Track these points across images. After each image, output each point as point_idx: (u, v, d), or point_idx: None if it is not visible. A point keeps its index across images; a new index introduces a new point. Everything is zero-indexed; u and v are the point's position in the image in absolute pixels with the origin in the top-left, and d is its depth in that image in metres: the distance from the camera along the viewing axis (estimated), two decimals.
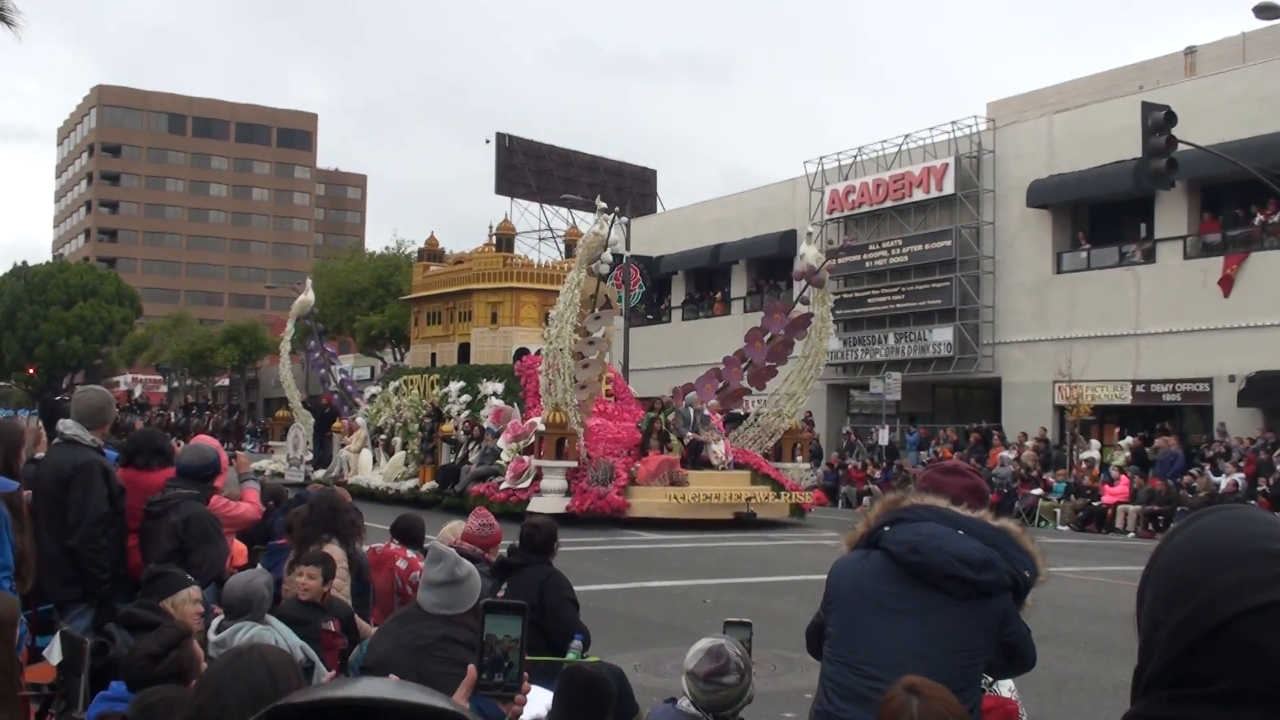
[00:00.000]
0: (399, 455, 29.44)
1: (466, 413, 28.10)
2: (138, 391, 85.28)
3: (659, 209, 59.24)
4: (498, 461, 25.37)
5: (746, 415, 29.45)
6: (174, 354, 79.90)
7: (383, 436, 30.59)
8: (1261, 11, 24.29)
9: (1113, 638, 11.20)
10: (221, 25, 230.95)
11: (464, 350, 31.67)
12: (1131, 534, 24.92)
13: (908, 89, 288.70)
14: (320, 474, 30.38)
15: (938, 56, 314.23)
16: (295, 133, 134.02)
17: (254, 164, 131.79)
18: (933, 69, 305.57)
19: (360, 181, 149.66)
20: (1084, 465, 28.38)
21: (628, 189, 56.56)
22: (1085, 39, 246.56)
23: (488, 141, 58.97)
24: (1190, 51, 40.99)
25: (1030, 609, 3.84)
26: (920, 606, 3.62)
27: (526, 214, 59.24)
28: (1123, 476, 26.69)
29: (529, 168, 58.44)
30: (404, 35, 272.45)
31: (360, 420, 31.53)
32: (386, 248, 70.12)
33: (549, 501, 22.96)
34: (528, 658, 6.79)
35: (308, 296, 35.18)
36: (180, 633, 4.48)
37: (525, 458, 24.51)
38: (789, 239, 44.79)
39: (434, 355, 32.99)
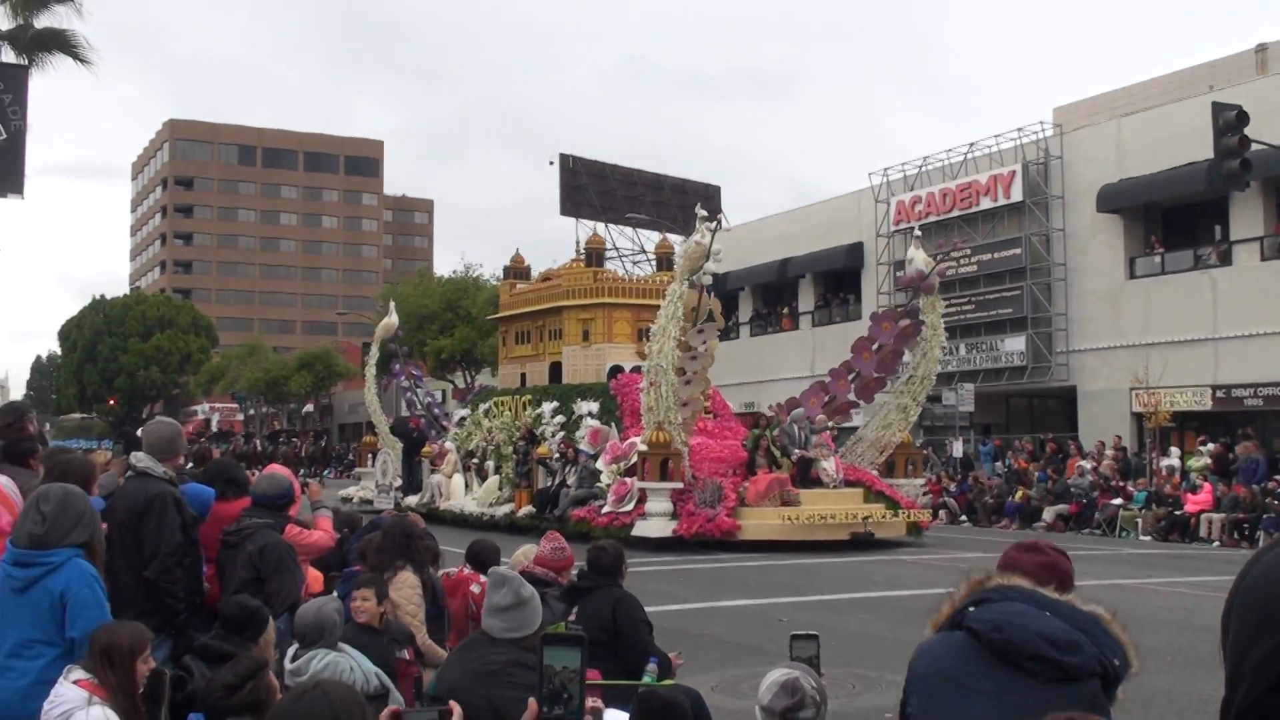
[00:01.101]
0: (493, 480, 28.62)
1: (561, 434, 27.23)
2: (215, 420, 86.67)
3: (724, 225, 59.15)
4: (598, 484, 24.56)
5: (854, 429, 28.52)
6: (249, 382, 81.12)
7: (474, 460, 29.84)
8: None
9: (1200, 650, 10.95)
10: (287, 56, 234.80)
11: (555, 370, 30.71)
12: (1216, 543, 24.38)
13: (972, 97, 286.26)
14: (411, 500, 29.95)
15: (1002, 63, 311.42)
16: (362, 160, 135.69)
17: (323, 192, 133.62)
18: (997, 76, 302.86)
19: (427, 206, 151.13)
20: (1164, 473, 27.85)
21: (692, 206, 56.50)
22: (1152, 40, 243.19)
23: (551, 163, 59.08)
24: (1261, 49, 40.21)
25: (1120, 703, 3.70)
26: (1003, 688, 3.47)
27: (592, 234, 59.40)
28: (1205, 484, 26.13)
29: (593, 188, 58.55)
30: (466, 61, 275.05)
31: (450, 444, 30.85)
32: (455, 271, 70.66)
33: (655, 525, 22.37)
34: (604, 682, 6.78)
35: (391, 319, 34.59)
36: (257, 664, 4.52)
37: (627, 480, 23.67)
38: (856, 251, 44.57)
39: (523, 375, 32.10)
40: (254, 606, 5.25)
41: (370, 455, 34.36)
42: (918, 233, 28.25)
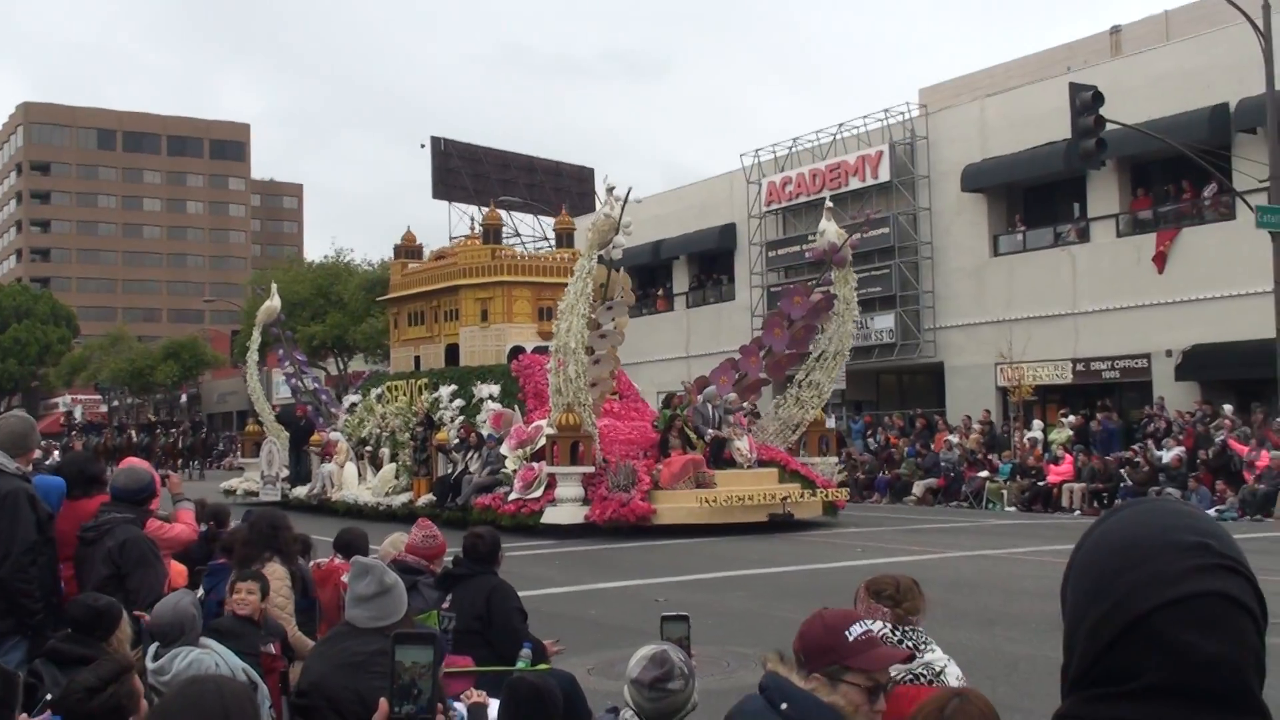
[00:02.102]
0: (388, 468, 27.49)
1: (461, 419, 26.11)
2: (78, 413, 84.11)
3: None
4: (503, 470, 23.53)
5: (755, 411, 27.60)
6: (113, 372, 78.90)
7: (368, 449, 28.75)
8: None
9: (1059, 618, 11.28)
10: (149, 39, 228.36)
11: (452, 352, 29.44)
12: (1077, 512, 25.17)
13: (840, 79, 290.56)
14: (300, 491, 29.21)
15: (868, 45, 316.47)
16: (228, 144, 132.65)
17: (187, 177, 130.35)
18: (864, 57, 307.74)
19: (296, 191, 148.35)
20: (1028, 446, 28.66)
21: (565, 188, 56.48)
22: (1013, 22, 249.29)
23: (423, 146, 58.54)
24: (1115, 31, 41.48)
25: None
26: None
27: (465, 217, 58.98)
28: (1067, 455, 26.96)
29: (466, 171, 58.10)
30: (335, 44, 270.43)
31: (337, 434, 29.60)
32: (326, 257, 69.54)
33: (565, 511, 21.55)
34: (476, 669, 6.72)
35: (274, 302, 33.14)
36: (120, 667, 4.38)
37: (534, 465, 22.69)
38: (728, 232, 44.89)
39: (417, 359, 30.83)
40: (103, 605, 5.09)
41: (254, 446, 33.27)
42: (829, 204, 27.01)
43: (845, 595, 4.94)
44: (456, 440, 25.36)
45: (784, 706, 3.49)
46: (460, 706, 5.44)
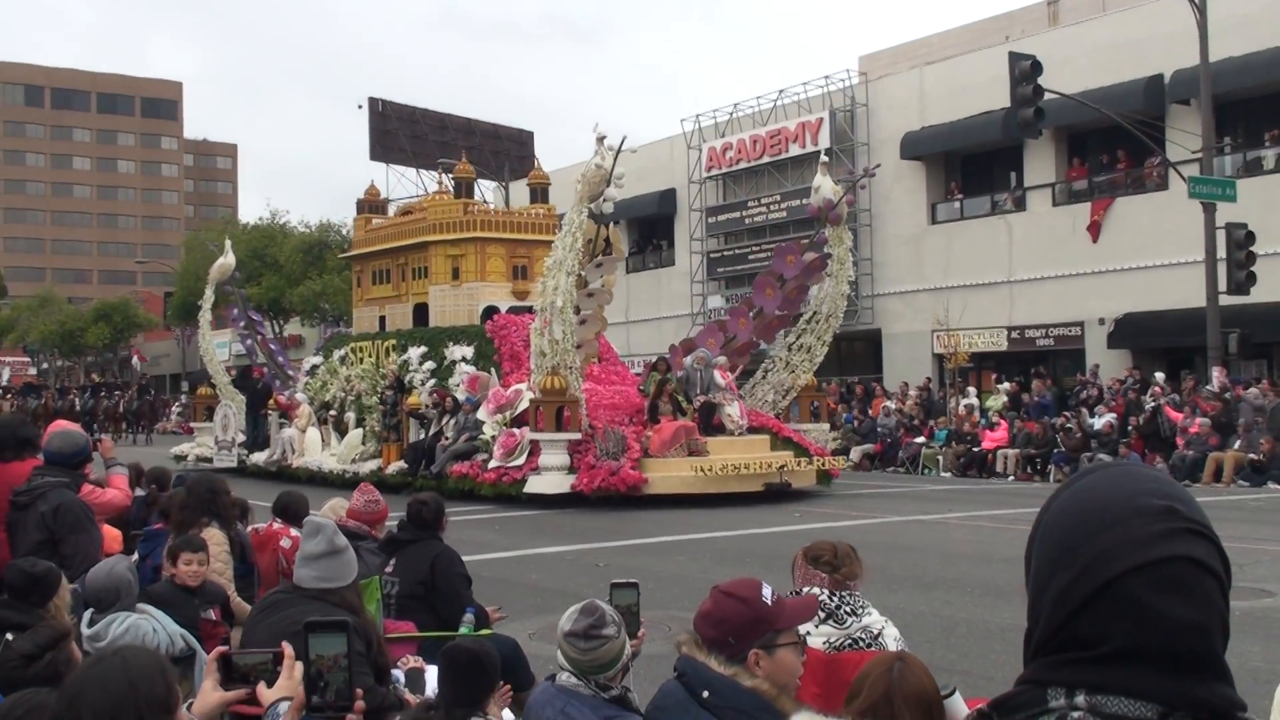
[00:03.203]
0: (355, 434, 26.00)
1: (433, 382, 24.67)
2: (5, 375, 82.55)
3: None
4: (480, 437, 22.14)
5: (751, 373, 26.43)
6: (42, 334, 77.53)
7: (332, 413, 27.21)
8: None
9: (997, 581, 11.45)
10: None
11: (420, 311, 27.81)
12: (1011, 477, 25.51)
13: (781, 44, 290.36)
14: (259, 458, 28.08)
15: (809, 9, 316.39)
16: (160, 102, 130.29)
17: (118, 135, 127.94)
18: (805, 23, 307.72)
19: (230, 151, 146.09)
20: (964, 412, 28.99)
21: (505, 151, 56.02)
22: None
23: (360, 107, 57.78)
24: (1053, 1, 41.80)
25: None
26: None
27: (404, 179, 58.50)
28: (1001, 422, 27.30)
29: (403, 133, 57.41)
30: (270, 3, 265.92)
31: (300, 396, 28.04)
32: (261, 218, 68.64)
33: (550, 480, 20.31)
34: (418, 634, 6.68)
35: (228, 259, 31.40)
36: (57, 633, 4.29)
37: (516, 431, 21.35)
38: (668, 198, 44.85)
39: (383, 319, 29.05)
40: (40, 570, 4.99)
41: (206, 410, 31.77)
42: (824, 159, 25.34)
43: (783, 560, 4.94)
44: (430, 404, 23.98)
45: (705, 694, 3.44)
46: (399, 673, 5.41)
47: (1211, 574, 1.50)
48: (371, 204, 32.17)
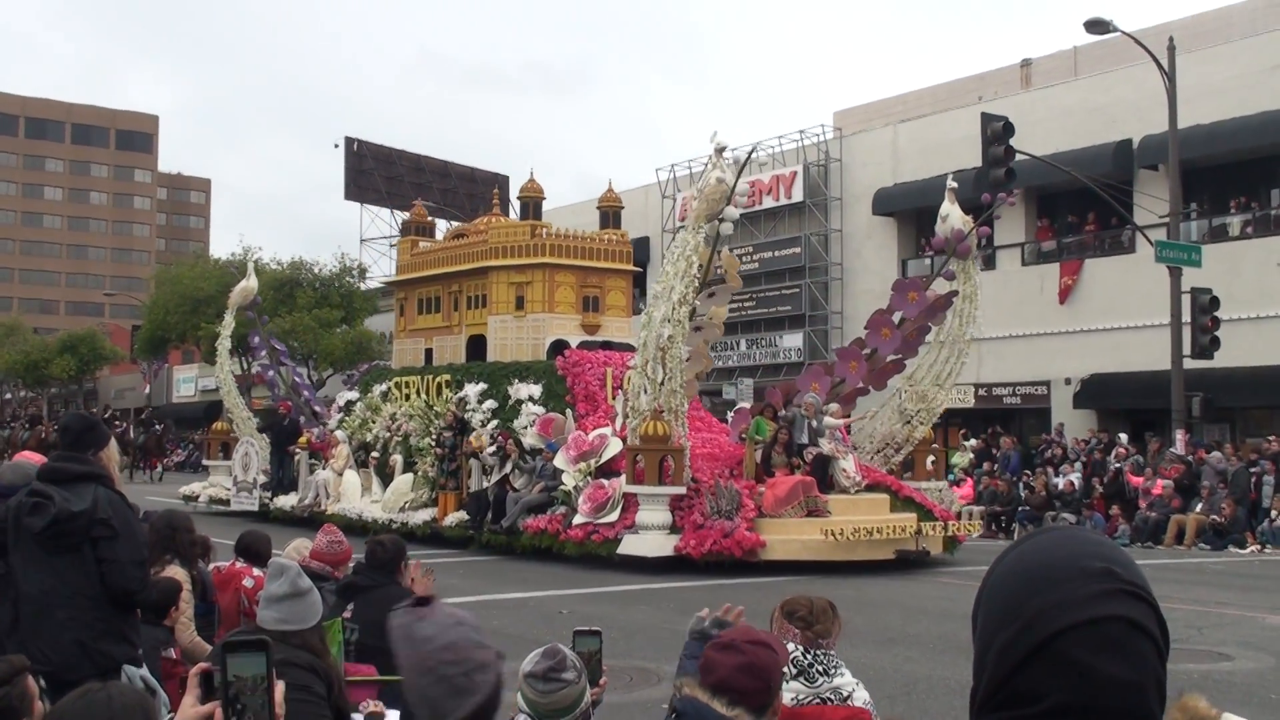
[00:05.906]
0: (403, 479, 23.17)
1: (495, 423, 22.06)
2: None
3: (511, 216, 59.06)
4: (560, 487, 19.51)
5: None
6: (6, 364, 76.78)
7: (373, 455, 24.54)
8: (1092, 26, 25.26)
9: (959, 637, 11.47)
10: (56, 25, 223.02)
11: (475, 344, 24.98)
12: (976, 534, 25.56)
13: (757, 98, 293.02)
14: (287, 502, 25.49)
15: (786, 65, 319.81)
16: (135, 135, 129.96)
17: (91, 166, 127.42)
18: (781, 78, 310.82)
19: (204, 186, 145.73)
20: (930, 469, 28.99)
21: (480, 194, 56.27)
22: (926, 50, 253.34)
23: (336, 146, 58.15)
24: (1026, 64, 42.42)
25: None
26: None
27: (378, 219, 58.55)
28: (968, 479, 27.39)
29: (379, 173, 57.73)
30: (249, 40, 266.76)
31: (340, 434, 25.39)
32: (233, 254, 68.38)
33: (650, 541, 17.72)
34: (376, 679, 6.64)
35: (250, 283, 29.70)
36: (13, 668, 4.27)
37: (605, 482, 18.80)
38: (641, 246, 44.89)
39: (429, 351, 26.16)
40: (94, 419, 5.04)
41: (221, 447, 29.52)
42: (953, 184, 21.57)
43: (750, 611, 4.97)
44: (495, 448, 21.08)
45: None
46: (358, 717, 5.39)
47: (1148, 635, 1.54)
48: (419, 225, 29.41)
